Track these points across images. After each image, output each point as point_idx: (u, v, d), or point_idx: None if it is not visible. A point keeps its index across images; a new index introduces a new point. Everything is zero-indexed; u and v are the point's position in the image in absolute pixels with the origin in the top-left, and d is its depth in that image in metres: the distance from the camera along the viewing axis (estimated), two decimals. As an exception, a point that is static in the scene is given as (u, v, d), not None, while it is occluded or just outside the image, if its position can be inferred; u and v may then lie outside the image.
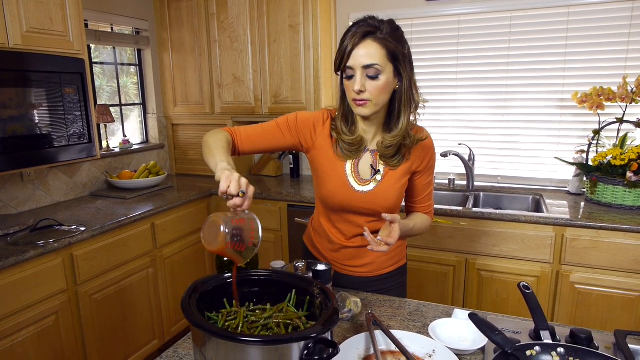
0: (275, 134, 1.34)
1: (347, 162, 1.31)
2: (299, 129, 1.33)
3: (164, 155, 3.46)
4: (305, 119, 1.33)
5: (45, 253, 1.88)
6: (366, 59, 1.13)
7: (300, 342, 0.80)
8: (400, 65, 1.17)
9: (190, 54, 3.18)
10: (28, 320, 1.84)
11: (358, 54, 1.13)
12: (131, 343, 2.39)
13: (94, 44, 2.86)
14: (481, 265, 2.31)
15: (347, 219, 1.36)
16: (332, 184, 1.31)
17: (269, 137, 1.34)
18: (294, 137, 1.34)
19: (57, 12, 2.10)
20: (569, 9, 2.50)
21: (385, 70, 1.15)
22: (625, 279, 2.05)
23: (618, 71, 2.45)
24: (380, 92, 1.17)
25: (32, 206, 2.46)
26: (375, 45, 1.13)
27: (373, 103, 1.18)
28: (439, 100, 2.89)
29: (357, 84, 1.15)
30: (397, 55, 1.16)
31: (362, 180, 1.30)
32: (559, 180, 2.69)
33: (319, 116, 1.34)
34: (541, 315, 0.97)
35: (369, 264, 1.41)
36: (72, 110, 2.21)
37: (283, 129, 1.34)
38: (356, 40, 1.13)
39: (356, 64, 1.14)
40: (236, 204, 0.94)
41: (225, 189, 0.94)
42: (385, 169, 1.30)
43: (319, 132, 1.33)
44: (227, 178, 0.95)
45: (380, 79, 1.15)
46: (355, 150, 1.29)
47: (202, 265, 2.92)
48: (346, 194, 1.30)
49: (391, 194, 1.30)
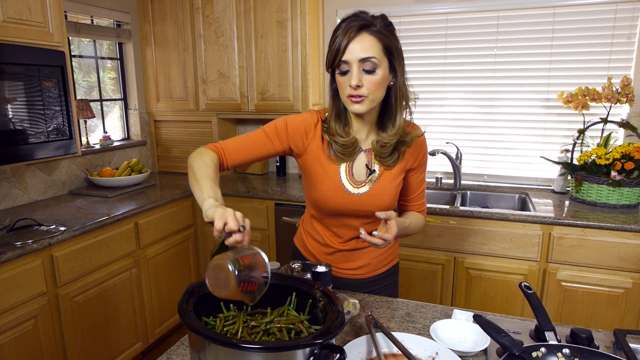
0: (264, 143, 1.26)
1: (341, 164, 1.26)
2: (289, 135, 1.26)
3: (146, 153, 3.37)
4: (295, 125, 1.26)
5: (24, 254, 1.80)
6: (363, 52, 1.09)
7: (306, 348, 0.77)
8: (395, 60, 1.15)
9: (173, 48, 3.10)
10: (5, 325, 1.75)
11: (354, 47, 1.10)
12: (114, 346, 2.31)
13: (73, 36, 2.75)
14: (469, 264, 2.32)
15: (343, 222, 1.32)
16: (325, 188, 1.26)
17: (258, 147, 1.26)
18: (284, 144, 1.27)
19: (36, 2, 2.00)
20: (555, 9, 2.53)
21: (381, 64, 1.12)
22: (610, 276, 2.09)
23: (602, 72, 2.50)
24: (377, 87, 1.13)
25: (7, 205, 2.36)
26: (371, 39, 1.10)
27: (369, 99, 1.14)
28: (426, 99, 2.90)
29: (354, 79, 1.10)
30: (392, 49, 1.13)
31: (357, 182, 1.26)
32: (544, 179, 2.73)
33: (309, 120, 1.28)
34: (545, 315, 0.97)
35: (364, 266, 1.39)
36: (51, 105, 2.11)
37: (272, 137, 1.26)
38: (352, 34, 1.09)
39: (352, 58, 1.10)
40: (237, 240, 0.88)
41: (222, 227, 0.87)
42: (381, 168, 1.26)
43: (310, 137, 1.26)
44: (221, 216, 0.87)
45: (377, 73, 1.11)
46: (349, 152, 1.24)
47: (186, 265, 2.85)
48: (341, 198, 1.26)
49: (387, 194, 1.27)
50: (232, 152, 1.24)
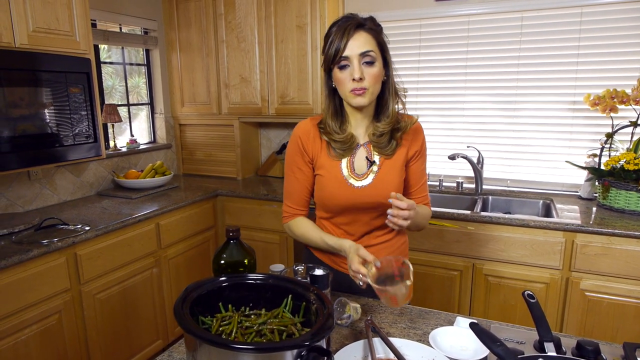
0: (307, 175, 1.36)
1: (342, 160, 1.32)
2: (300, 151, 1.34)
3: (170, 155, 3.46)
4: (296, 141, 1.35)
5: (49, 252, 1.89)
6: (363, 47, 1.19)
7: (293, 350, 0.78)
8: (387, 56, 1.25)
9: (197, 54, 3.18)
10: (31, 319, 1.84)
11: (354, 44, 1.19)
12: (135, 343, 2.39)
13: (102, 43, 2.87)
14: (488, 271, 2.26)
15: (352, 219, 1.35)
16: (330, 185, 1.32)
17: (308, 181, 1.37)
18: (306, 161, 1.35)
19: (64, 12, 2.11)
20: (582, 9, 2.44)
21: (378, 58, 1.21)
22: (638, 287, 1.99)
23: (632, 73, 2.39)
24: (376, 80, 1.22)
25: (38, 205, 2.48)
26: (367, 35, 1.20)
27: (370, 92, 1.22)
28: (447, 102, 2.85)
29: (356, 72, 1.18)
30: (384, 46, 1.24)
31: (359, 175, 1.31)
32: (570, 184, 2.63)
33: (301, 128, 1.35)
34: (545, 326, 0.94)
35: None
36: (77, 110, 2.21)
37: (301, 167, 1.36)
38: (351, 32, 1.19)
39: (353, 54, 1.19)
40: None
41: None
42: (381, 158, 1.31)
43: (307, 144, 1.33)
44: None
45: (375, 65, 1.20)
46: (347, 147, 1.31)
47: (206, 266, 2.91)
48: (345, 192, 1.30)
49: (390, 183, 1.29)
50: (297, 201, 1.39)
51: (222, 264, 1.10)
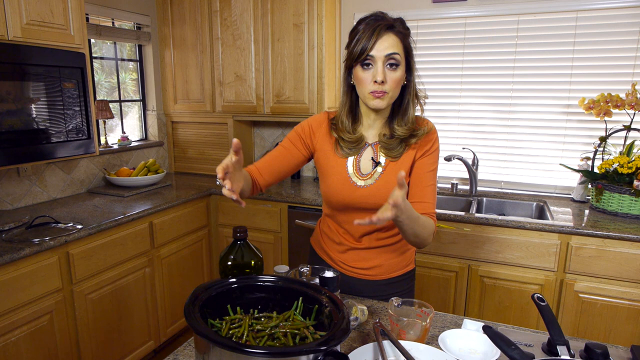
0: (291, 150, 1.36)
1: (349, 158, 1.31)
2: (304, 134, 1.36)
3: (163, 153, 3.41)
4: (305, 124, 1.38)
5: (41, 251, 1.84)
6: (389, 49, 1.17)
7: (310, 354, 0.76)
8: (411, 60, 1.23)
9: (191, 50, 3.13)
10: (21, 320, 1.79)
11: (382, 45, 1.17)
12: (126, 344, 2.34)
13: (94, 38, 2.81)
14: (484, 272, 2.28)
15: (354, 217, 1.31)
16: (333, 181, 1.31)
17: (287, 156, 1.36)
18: (305, 144, 1.36)
19: (58, 5, 2.05)
20: (578, 13, 2.47)
21: (402, 62, 1.19)
22: (631, 289, 2.02)
23: (626, 77, 2.43)
24: (397, 85, 1.20)
25: (28, 202, 2.41)
26: (396, 38, 1.18)
27: (389, 96, 1.20)
28: (443, 104, 2.86)
29: (379, 74, 1.17)
30: (410, 50, 1.22)
31: (364, 175, 1.30)
32: (563, 187, 2.66)
33: (317, 118, 1.38)
34: (558, 328, 0.94)
35: (377, 267, 1.38)
36: (71, 105, 2.16)
37: (295, 143, 1.36)
38: (381, 32, 1.16)
39: (379, 55, 1.17)
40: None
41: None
42: (387, 160, 1.29)
43: (318, 133, 1.35)
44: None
45: (398, 70, 1.19)
46: (355, 147, 1.30)
47: (200, 265, 2.87)
48: (348, 189, 1.29)
49: (393, 185, 1.26)
50: (263, 169, 1.34)
51: (229, 265, 1.08)
